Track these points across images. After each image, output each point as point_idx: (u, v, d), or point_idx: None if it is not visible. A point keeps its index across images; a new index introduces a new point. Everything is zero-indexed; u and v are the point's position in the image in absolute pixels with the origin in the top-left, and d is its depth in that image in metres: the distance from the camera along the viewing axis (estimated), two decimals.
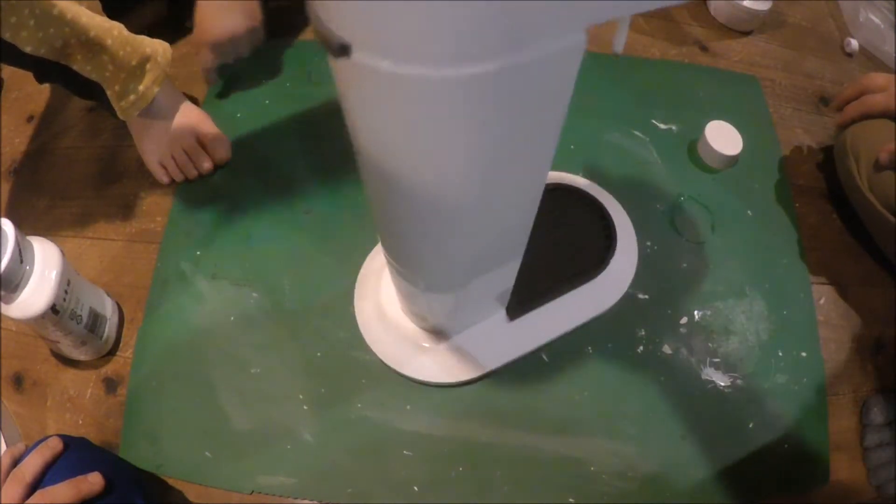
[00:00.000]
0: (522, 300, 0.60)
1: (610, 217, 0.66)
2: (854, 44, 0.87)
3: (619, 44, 0.32)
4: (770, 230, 0.70)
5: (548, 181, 0.64)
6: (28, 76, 0.62)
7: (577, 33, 0.22)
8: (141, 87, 0.68)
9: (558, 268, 0.63)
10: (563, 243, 0.65)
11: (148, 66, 0.67)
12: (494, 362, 0.60)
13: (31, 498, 0.46)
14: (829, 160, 0.75)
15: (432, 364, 0.60)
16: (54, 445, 0.49)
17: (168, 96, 0.72)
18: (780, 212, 0.72)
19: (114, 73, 0.65)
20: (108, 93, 0.68)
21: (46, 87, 0.84)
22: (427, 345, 0.60)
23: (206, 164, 0.73)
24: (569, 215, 0.67)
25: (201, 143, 0.73)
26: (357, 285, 0.65)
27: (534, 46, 0.20)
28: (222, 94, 0.79)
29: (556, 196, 0.67)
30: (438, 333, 0.60)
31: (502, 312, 0.60)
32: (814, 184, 0.74)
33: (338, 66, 0.21)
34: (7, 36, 0.57)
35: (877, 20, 0.87)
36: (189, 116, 0.73)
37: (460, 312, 0.55)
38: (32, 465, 0.47)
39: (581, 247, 0.64)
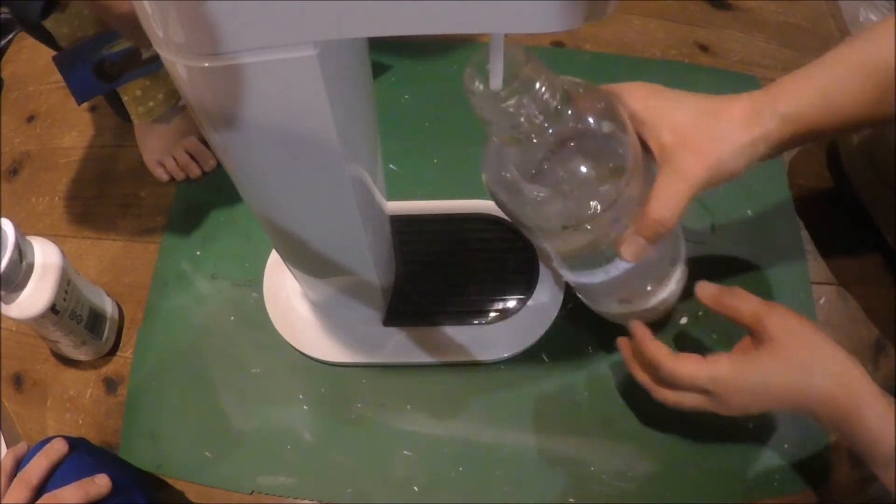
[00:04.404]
0: (398, 311, 0.62)
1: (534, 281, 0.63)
2: None
3: (494, 78, 0.32)
4: (770, 230, 0.70)
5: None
6: (28, 78, 0.62)
7: (307, 48, 0.28)
8: (160, 95, 0.68)
9: (454, 298, 0.63)
10: (471, 276, 0.64)
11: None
12: (360, 358, 0.62)
13: (39, 501, 0.45)
14: (829, 160, 0.74)
15: (314, 340, 0.62)
16: (60, 447, 0.49)
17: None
18: (780, 212, 0.71)
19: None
20: (125, 98, 0.67)
21: (47, 87, 0.84)
22: (312, 319, 0.63)
23: (211, 163, 0.74)
24: (497, 255, 0.65)
25: (203, 142, 0.73)
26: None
27: (269, 51, 0.28)
28: None
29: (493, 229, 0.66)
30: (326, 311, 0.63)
31: (378, 315, 0.62)
32: (814, 184, 0.74)
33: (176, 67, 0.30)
34: None
35: (877, 20, 0.87)
36: (191, 116, 0.73)
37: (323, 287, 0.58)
38: (38, 467, 0.47)
39: (489, 289, 0.63)
